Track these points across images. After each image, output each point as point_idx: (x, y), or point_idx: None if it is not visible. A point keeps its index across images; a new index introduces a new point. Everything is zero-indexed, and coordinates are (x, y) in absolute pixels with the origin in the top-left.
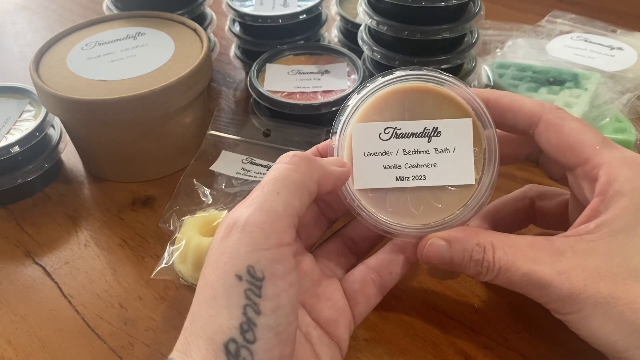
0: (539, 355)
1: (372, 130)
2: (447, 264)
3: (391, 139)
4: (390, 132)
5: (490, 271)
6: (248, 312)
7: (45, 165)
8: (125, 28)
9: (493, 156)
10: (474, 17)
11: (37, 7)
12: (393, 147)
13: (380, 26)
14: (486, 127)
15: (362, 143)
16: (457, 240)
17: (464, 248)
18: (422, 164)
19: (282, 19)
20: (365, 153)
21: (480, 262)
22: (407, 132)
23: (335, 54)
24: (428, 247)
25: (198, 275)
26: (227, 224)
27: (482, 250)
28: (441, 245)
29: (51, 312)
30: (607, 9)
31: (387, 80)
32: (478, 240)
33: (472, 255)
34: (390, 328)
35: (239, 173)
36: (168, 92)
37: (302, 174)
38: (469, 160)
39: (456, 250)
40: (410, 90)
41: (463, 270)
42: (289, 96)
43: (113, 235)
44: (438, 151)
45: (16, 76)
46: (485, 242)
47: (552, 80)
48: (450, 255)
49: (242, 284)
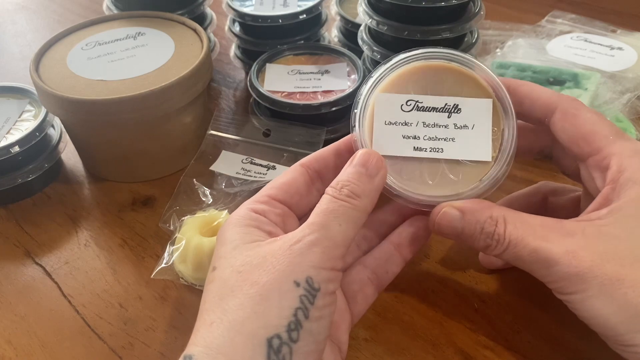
0: (539, 355)
1: (395, 101)
2: (458, 235)
3: (412, 110)
4: (412, 105)
5: (500, 245)
6: (298, 314)
7: (45, 165)
8: (125, 28)
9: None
10: (474, 17)
11: (37, 7)
12: (413, 119)
13: (380, 26)
14: (507, 110)
15: (384, 112)
16: (470, 211)
17: (476, 219)
18: (441, 138)
19: (282, 19)
20: (386, 122)
21: (491, 235)
22: (429, 106)
23: (335, 54)
24: (441, 215)
25: (198, 275)
26: (287, 240)
27: (495, 223)
28: (454, 214)
29: (51, 312)
30: (607, 9)
31: (412, 56)
32: (491, 213)
33: (483, 227)
34: (390, 328)
35: (239, 173)
36: (168, 92)
37: (360, 211)
38: (487, 138)
39: (468, 221)
40: (434, 68)
41: (472, 243)
42: (289, 96)
43: (113, 235)
44: (457, 127)
45: (16, 76)
46: (498, 216)
47: (552, 80)
48: (462, 225)
49: (298, 290)
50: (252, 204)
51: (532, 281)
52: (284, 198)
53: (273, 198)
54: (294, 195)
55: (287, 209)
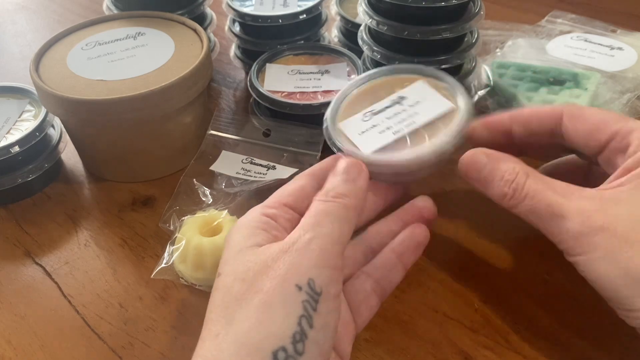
0: (539, 355)
1: (354, 122)
2: (480, 178)
3: (372, 118)
4: (368, 115)
5: (517, 194)
6: (302, 323)
7: (45, 165)
8: (125, 28)
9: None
10: (474, 17)
11: (37, 7)
12: (377, 121)
13: (380, 26)
14: (442, 79)
15: (353, 130)
16: (496, 158)
17: (498, 167)
18: (406, 117)
19: (282, 19)
20: (359, 132)
21: (509, 183)
22: (381, 108)
23: (335, 54)
24: (470, 156)
25: (198, 275)
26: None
27: (515, 173)
28: (482, 158)
29: (51, 312)
30: (607, 9)
31: (352, 86)
32: (515, 165)
33: (504, 175)
34: (390, 328)
35: (239, 173)
36: (168, 92)
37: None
38: (439, 97)
39: (492, 166)
40: (368, 89)
41: (491, 189)
42: (289, 96)
43: (113, 235)
44: (412, 105)
45: (16, 76)
46: (520, 169)
47: (552, 80)
48: (486, 169)
49: (301, 295)
50: (264, 208)
51: (532, 281)
52: (294, 204)
53: (284, 204)
54: (304, 201)
55: (296, 215)
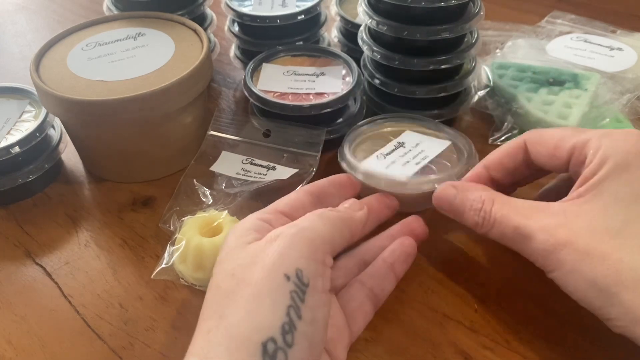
0: (539, 356)
1: (372, 162)
2: (453, 210)
3: (386, 157)
4: (381, 157)
5: (487, 222)
6: (291, 314)
7: (46, 166)
8: (125, 28)
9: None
10: (474, 17)
11: (37, 7)
12: (393, 159)
13: (380, 26)
14: (441, 130)
15: (379, 167)
16: (463, 189)
17: (466, 197)
18: (416, 154)
19: (280, 19)
20: (385, 168)
21: (478, 211)
22: (389, 151)
23: (331, 57)
24: (441, 191)
25: (198, 275)
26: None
27: (482, 202)
28: (451, 191)
29: (51, 312)
30: (607, 10)
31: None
32: (481, 194)
33: (472, 204)
34: (390, 328)
35: (239, 173)
36: (168, 93)
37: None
38: (432, 138)
39: (461, 197)
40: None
41: (463, 219)
42: (282, 97)
43: (113, 236)
44: (414, 147)
45: (16, 76)
46: (487, 196)
47: (552, 80)
48: (456, 201)
49: (289, 285)
50: (259, 214)
51: (532, 281)
52: (289, 212)
53: (279, 211)
54: (299, 210)
55: (290, 221)
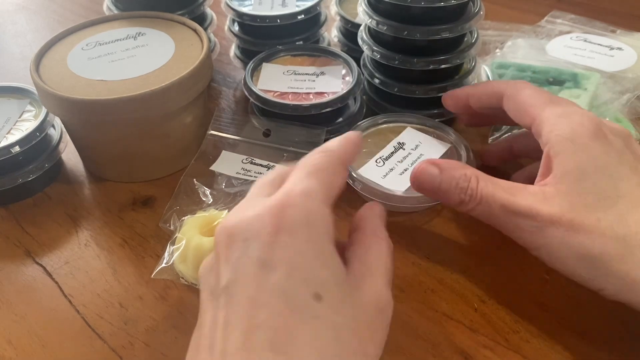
0: (539, 355)
1: (370, 168)
2: (435, 190)
3: (385, 163)
4: (380, 162)
5: (473, 200)
6: None
7: (46, 165)
8: (125, 28)
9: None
10: (474, 17)
11: (37, 7)
12: (391, 165)
13: (380, 26)
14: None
15: (375, 175)
16: (447, 168)
17: (452, 175)
18: (415, 159)
19: (280, 19)
20: (381, 177)
21: (464, 190)
22: (388, 154)
23: (331, 56)
24: (420, 170)
25: (198, 275)
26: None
27: (468, 179)
28: (433, 171)
29: (51, 312)
30: (607, 9)
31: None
32: (465, 171)
33: (458, 182)
34: (390, 328)
35: (239, 173)
36: (168, 92)
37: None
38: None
39: (445, 176)
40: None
41: (447, 198)
42: (282, 96)
43: (113, 235)
44: (414, 149)
45: (16, 76)
46: (471, 174)
47: (551, 80)
48: (440, 180)
49: None
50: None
51: (532, 281)
52: None
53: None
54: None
55: None
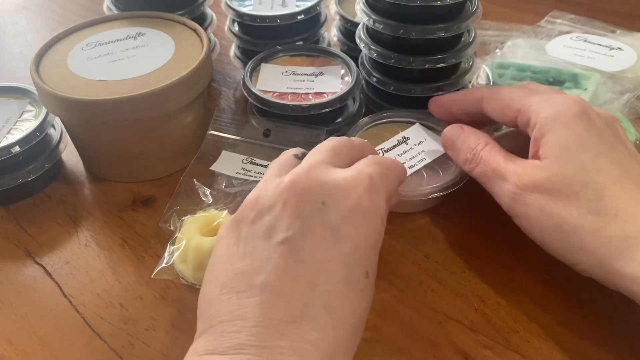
0: (539, 355)
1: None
2: (452, 145)
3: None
4: (381, 153)
5: (474, 160)
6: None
7: (46, 165)
8: (125, 28)
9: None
10: (471, 16)
11: (37, 8)
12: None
13: (377, 25)
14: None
15: None
16: (467, 131)
17: (468, 137)
18: (415, 155)
19: (280, 19)
20: None
21: (471, 150)
22: (390, 147)
23: (330, 57)
24: (449, 129)
25: (198, 275)
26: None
27: (477, 142)
28: (458, 130)
29: (51, 312)
30: (607, 9)
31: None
32: (479, 137)
33: (470, 143)
34: (390, 328)
35: (239, 173)
36: (168, 92)
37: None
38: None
39: (464, 136)
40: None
41: (458, 155)
42: (281, 96)
43: (113, 235)
44: (416, 144)
45: (16, 76)
46: (482, 139)
47: (551, 80)
48: (458, 138)
49: None
50: None
51: (532, 281)
52: None
53: None
54: None
55: None
